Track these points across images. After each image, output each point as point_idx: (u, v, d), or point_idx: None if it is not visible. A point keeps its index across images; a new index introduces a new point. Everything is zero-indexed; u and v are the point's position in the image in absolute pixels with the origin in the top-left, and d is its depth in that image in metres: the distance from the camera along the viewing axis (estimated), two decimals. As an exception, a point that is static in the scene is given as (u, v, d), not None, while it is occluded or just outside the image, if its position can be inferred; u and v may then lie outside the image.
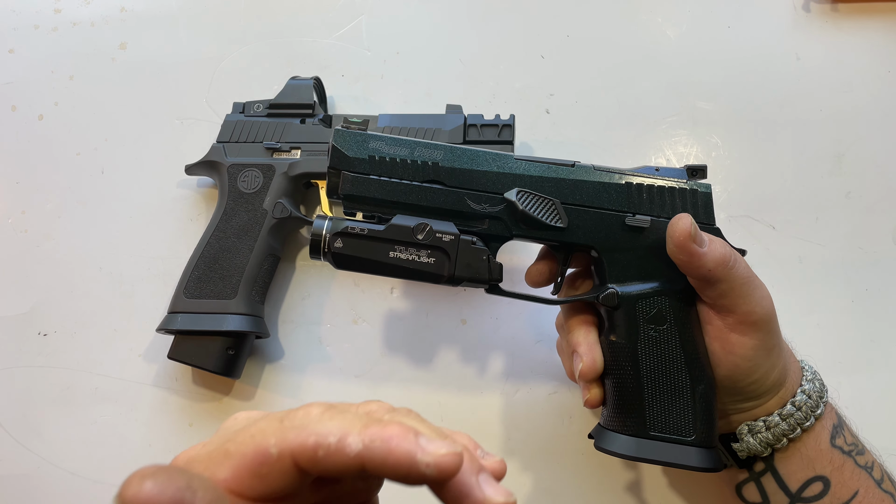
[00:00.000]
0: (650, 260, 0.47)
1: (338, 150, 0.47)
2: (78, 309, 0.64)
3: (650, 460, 0.45)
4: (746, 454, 0.46)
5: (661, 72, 0.69)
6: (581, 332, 0.49)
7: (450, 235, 0.47)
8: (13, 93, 0.71)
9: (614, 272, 0.47)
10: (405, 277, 0.47)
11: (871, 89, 0.68)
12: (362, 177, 0.47)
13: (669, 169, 0.49)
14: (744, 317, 0.44)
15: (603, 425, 0.48)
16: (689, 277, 0.45)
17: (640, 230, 0.47)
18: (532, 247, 0.59)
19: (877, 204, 0.65)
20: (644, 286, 0.47)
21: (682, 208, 0.48)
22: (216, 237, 0.60)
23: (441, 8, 0.73)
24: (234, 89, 0.70)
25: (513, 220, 0.48)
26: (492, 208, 0.48)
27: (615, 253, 0.48)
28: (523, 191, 0.48)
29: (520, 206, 0.47)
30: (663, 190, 0.48)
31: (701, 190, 0.48)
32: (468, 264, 0.47)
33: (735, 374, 0.45)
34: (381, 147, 0.48)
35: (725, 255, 0.43)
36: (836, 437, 0.46)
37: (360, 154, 0.47)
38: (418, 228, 0.46)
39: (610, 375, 0.47)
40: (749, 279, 0.44)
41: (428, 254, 0.46)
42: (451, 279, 0.47)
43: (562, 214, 0.48)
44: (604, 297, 0.47)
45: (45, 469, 0.60)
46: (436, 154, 0.48)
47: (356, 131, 0.48)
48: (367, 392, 0.61)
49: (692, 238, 0.43)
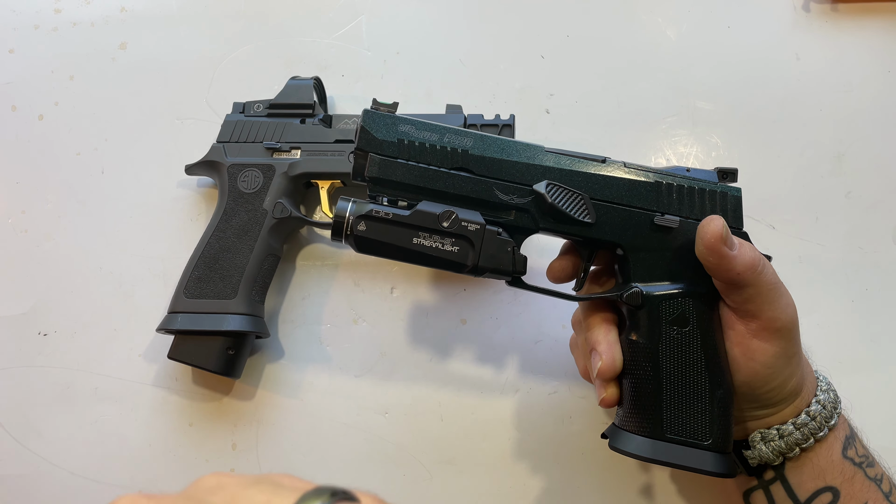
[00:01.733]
0: (676, 261, 0.47)
1: (366, 131, 0.46)
2: (78, 309, 0.64)
3: (665, 462, 0.44)
4: (757, 462, 0.46)
5: (661, 72, 0.69)
6: (601, 330, 0.48)
7: (476, 225, 0.46)
8: (13, 93, 0.71)
9: (639, 271, 0.47)
10: (427, 265, 0.46)
11: (871, 89, 0.68)
12: (390, 160, 0.46)
13: (700, 170, 0.49)
14: (767, 323, 0.44)
15: (618, 425, 0.48)
16: (716, 280, 0.45)
17: (669, 230, 0.47)
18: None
19: (877, 204, 0.65)
20: (669, 287, 0.46)
21: (711, 210, 0.47)
22: (216, 237, 0.60)
23: (441, 8, 0.73)
24: (234, 89, 0.70)
25: (540, 213, 0.47)
26: (520, 199, 0.47)
27: (641, 252, 0.47)
28: (553, 183, 0.47)
29: (549, 198, 0.46)
30: (693, 191, 0.48)
31: (731, 193, 0.48)
32: (492, 255, 0.46)
33: (754, 381, 0.45)
34: (411, 131, 0.47)
35: (755, 260, 0.43)
36: (847, 449, 0.46)
37: (388, 137, 0.47)
38: (444, 216, 0.46)
39: (628, 375, 0.47)
40: (776, 285, 0.44)
41: (452, 242, 0.46)
42: (474, 269, 0.46)
43: (590, 210, 0.47)
44: (628, 296, 0.46)
45: (45, 469, 0.60)
46: (466, 141, 0.47)
47: (385, 113, 0.47)
48: (367, 392, 0.61)
49: (723, 240, 0.43)
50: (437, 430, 0.59)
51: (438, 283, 0.63)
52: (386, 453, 0.59)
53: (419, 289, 0.63)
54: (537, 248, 0.61)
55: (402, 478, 0.59)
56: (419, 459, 0.59)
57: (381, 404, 0.60)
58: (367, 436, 0.60)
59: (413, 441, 0.59)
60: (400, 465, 0.59)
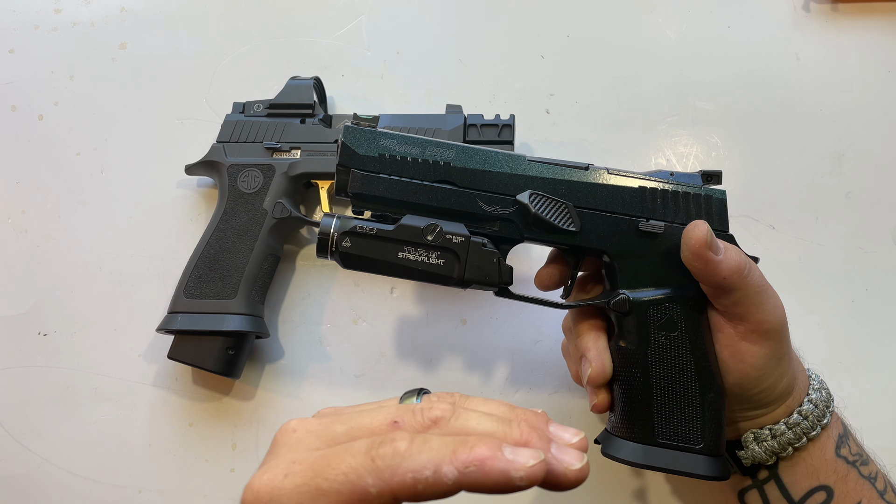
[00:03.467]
0: (663, 266, 0.47)
1: (347, 147, 0.46)
2: (78, 309, 0.64)
3: (658, 468, 0.44)
4: (751, 462, 0.46)
5: (661, 72, 0.69)
6: (590, 337, 0.48)
7: (460, 237, 0.46)
8: (13, 93, 0.71)
9: (626, 277, 0.47)
10: (414, 279, 0.46)
11: (871, 89, 0.68)
12: (372, 175, 0.46)
13: (684, 174, 0.49)
14: (756, 325, 0.44)
15: (610, 431, 0.48)
16: (703, 285, 0.45)
17: (654, 236, 0.47)
18: (539, 251, 0.59)
19: (877, 204, 0.65)
20: (656, 292, 0.46)
21: (696, 214, 0.47)
22: (216, 237, 0.60)
23: (441, 8, 0.73)
24: (234, 89, 0.70)
25: (525, 223, 0.47)
26: (503, 210, 0.47)
27: (627, 258, 0.47)
28: (536, 193, 0.47)
29: (532, 208, 0.46)
30: (678, 195, 0.48)
31: (716, 196, 0.48)
32: (478, 267, 0.46)
33: (744, 383, 0.45)
34: (392, 145, 0.47)
35: (741, 264, 0.43)
36: (840, 447, 0.46)
37: (370, 152, 0.47)
38: (428, 229, 0.45)
39: (618, 381, 0.47)
40: (763, 288, 0.44)
41: (438, 255, 0.46)
42: (460, 281, 0.46)
43: (574, 218, 0.47)
44: (615, 303, 0.46)
45: (45, 469, 0.60)
46: (447, 153, 0.47)
47: (366, 128, 0.47)
48: (367, 392, 0.61)
49: (708, 245, 0.43)
50: (437, 430, 0.59)
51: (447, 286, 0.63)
52: (386, 453, 0.59)
53: (419, 289, 0.63)
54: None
55: (402, 478, 0.59)
56: (419, 459, 0.59)
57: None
58: (367, 436, 0.60)
59: (413, 441, 0.59)
60: (400, 465, 0.59)
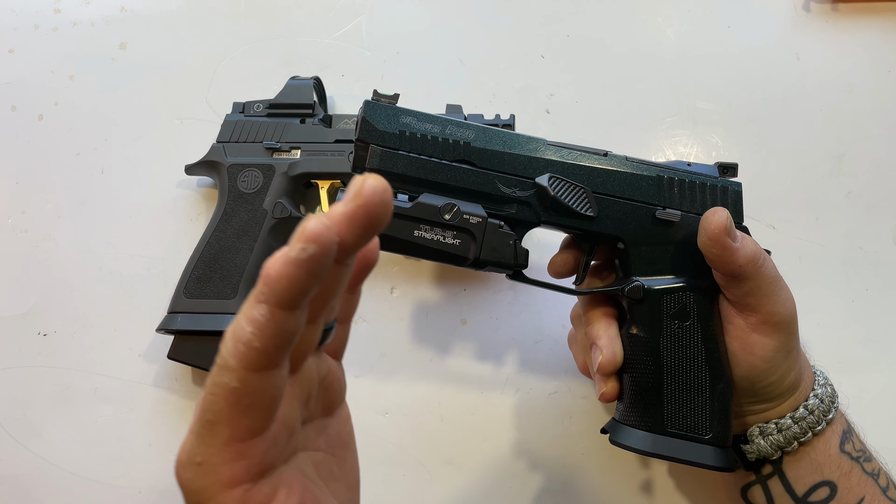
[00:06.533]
0: (677, 255, 0.47)
1: (367, 122, 0.46)
2: (78, 309, 0.64)
3: (666, 457, 0.44)
4: (756, 456, 0.46)
5: (661, 72, 0.69)
6: (601, 325, 0.48)
7: (477, 218, 0.45)
8: (13, 93, 0.71)
9: (640, 265, 0.47)
10: (429, 258, 0.46)
11: (871, 89, 0.68)
12: (391, 151, 0.46)
13: (701, 165, 0.50)
14: (767, 317, 0.44)
15: (618, 420, 0.48)
16: (717, 273, 0.45)
17: (670, 224, 0.47)
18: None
19: (877, 204, 0.65)
20: (670, 281, 0.46)
21: (712, 204, 0.48)
22: (216, 237, 0.59)
23: (441, 8, 0.73)
24: (234, 89, 0.70)
25: (542, 206, 0.47)
26: (522, 192, 0.47)
27: (643, 246, 0.47)
28: (555, 177, 0.47)
29: (551, 191, 0.46)
30: (694, 185, 0.48)
31: (732, 188, 0.49)
32: (494, 248, 0.46)
33: (752, 375, 0.45)
34: (412, 122, 0.47)
35: (756, 253, 0.43)
36: (845, 443, 0.46)
37: (390, 128, 0.46)
38: (446, 208, 0.45)
39: (629, 370, 0.47)
40: (776, 279, 0.44)
41: (454, 235, 0.45)
42: (475, 262, 0.46)
43: (592, 203, 0.47)
44: (630, 290, 0.47)
45: (45, 469, 0.60)
46: (468, 133, 0.47)
47: (387, 104, 0.47)
48: (367, 392, 0.61)
49: (727, 231, 0.43)
50: (437, 431, 0.59)
51: (439, 283, 0.63)
52: (386, 453, 0.59)
53: (419, 289, 0.63)
54: (537, 244, 0.61)
55: (402, 478, 0.59)
56: (419, 460, 0.59)
57: (381, 405, 0.60)
58: (366, 436, 0.60)
59: (413, 441, 0.59)
60: (400, 465, 0.59)
